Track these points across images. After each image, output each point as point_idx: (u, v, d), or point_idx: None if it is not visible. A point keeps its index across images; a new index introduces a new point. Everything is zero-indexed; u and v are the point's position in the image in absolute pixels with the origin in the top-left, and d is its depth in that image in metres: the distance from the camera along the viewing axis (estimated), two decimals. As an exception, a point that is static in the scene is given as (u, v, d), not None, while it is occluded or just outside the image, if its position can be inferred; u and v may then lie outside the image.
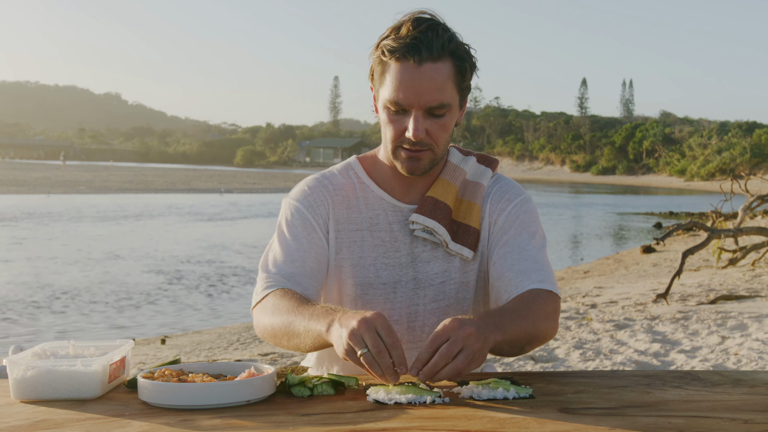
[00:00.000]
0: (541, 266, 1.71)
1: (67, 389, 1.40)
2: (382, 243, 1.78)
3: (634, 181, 75.22)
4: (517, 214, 1.78)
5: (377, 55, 1.67)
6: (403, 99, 1.63)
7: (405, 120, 1.66)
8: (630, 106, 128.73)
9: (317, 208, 1.78)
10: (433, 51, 1.61)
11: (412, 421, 1.25)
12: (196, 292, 10.59)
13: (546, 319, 1.61)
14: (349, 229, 1.78)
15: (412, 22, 1.63)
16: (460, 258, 1.78)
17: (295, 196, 1.81)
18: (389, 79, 1.64)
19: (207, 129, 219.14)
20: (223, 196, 33.66)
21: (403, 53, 1.61)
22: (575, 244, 18.90)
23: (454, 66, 1.64)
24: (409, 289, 1.78)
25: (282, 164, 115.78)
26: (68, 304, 9.54)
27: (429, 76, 1.62)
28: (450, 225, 1.77)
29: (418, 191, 1.80)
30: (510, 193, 1.82)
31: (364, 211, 1.79)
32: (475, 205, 1.79)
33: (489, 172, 1.84)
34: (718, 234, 9.41)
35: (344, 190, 1.81)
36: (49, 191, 33.60)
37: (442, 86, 1.63)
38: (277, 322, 1.61)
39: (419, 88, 1.62)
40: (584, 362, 5.42)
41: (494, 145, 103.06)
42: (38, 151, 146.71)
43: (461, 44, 1.66)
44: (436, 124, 1.66)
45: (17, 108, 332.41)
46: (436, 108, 1.64)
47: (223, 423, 1.25)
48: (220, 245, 16.05)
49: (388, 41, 1.64)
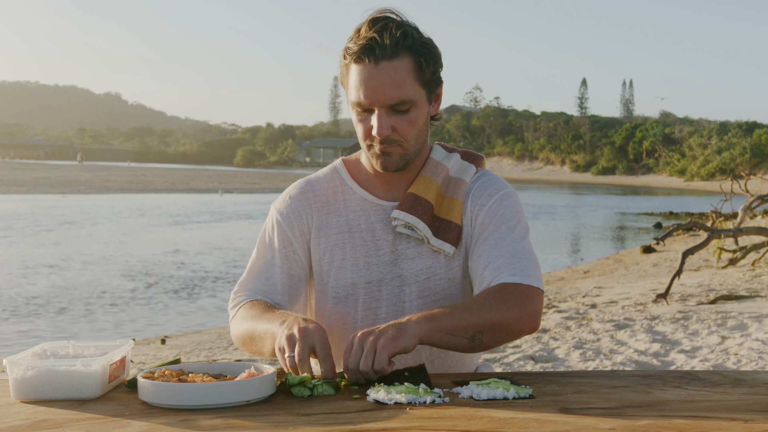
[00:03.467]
0: (517, 259, 1.70)
1: (67, 389, 1.40)
2: (363, 243, 1.79)
3: (634, 181, 75.18)
4: (496, 210, 1.78)
5: (341, 58, 1.71)
6: (364, 99, 1.67)
7: (371, 119, 1.69)
8: (630, 106, 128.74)
9: (297, 219, 1.83)
10: (387, 49, 1.64)
11: (412, 421, 1.25)
12: (197, 291, 10.59)
13: (506, 308, 1.61)
14: (330, 233, 1.81)
15: (368, 23, 1.67)
16: (444, 254, 1.79)
17: (277, 206, 1.87)
18: (351, 81, 1.69)
19: (207, 129, 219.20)
20: (222, 196, 33.68)
21: (359, 54, 1.65)
22: (575, 244, 18.90)
23: (413, 61, 1.66)
24: (395, 287, 1.79)
25: (282, 164, 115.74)
26: (68, 304, 9.54)
27: (386, 74, 1.64)
28: (432, 221, 1.77)
29: (400, 189, 1.82)
30: (491, 188, 1.81)
31: (344, 213, 1.82)
32: (457, 201, 1.80)
33: (472, 169, 1.85)
34: (718, 234, 9.41)
35: (325, 195, 1.84)
36: (64, 191, 33.65)
37: (400, 83, 1.65)
38: (243, 329, 1.72)
39: (377, 87, 1.65)
40: (584, 362, 5.42)
41: (494, 145, 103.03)
42: (38, 151, 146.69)
43: (418, 39, 1.67)
44: (402, 120, 1.69)
45: (17, 108, 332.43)
46: (397, 105, 1.67)
47: (223, 423, 1.25)
48: (220, 245, 16.06)
49: (350, 44, 1.68)
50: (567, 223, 24.26)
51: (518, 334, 1.65)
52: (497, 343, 1.64)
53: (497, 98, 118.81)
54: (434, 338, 1.56)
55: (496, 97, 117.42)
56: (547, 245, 17.13)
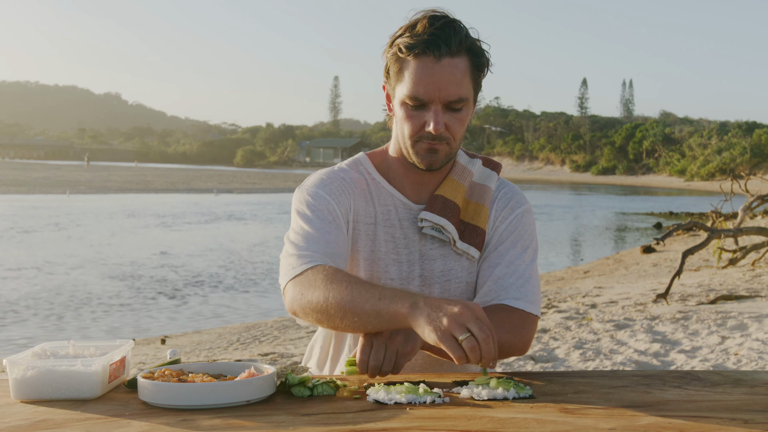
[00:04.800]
0: (524, 281, 1.75)
1: (67, 389, 1.40)
2: (393, 238, 1.79)
3: (634, 181, 75.17)
4: (516, 225, 1.82)
5: (393, 52, 1.69)
6: (423, 94, 1.66)
7: (424, 115, 1.68)
8: (630, 106, 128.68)
9: (339, 197, 1.76)
10: (452, 46, 1.64)
11: (412, 421, 1.25)
12: (196, 291, 10.59)
13: (503, 330, 1.63)
14: (365, 222, 1.79)
15: (427, 20, 1.66)
16: (467, 257, 1.81)
17: (314, 184, 1.78)
18: (408, 76, 1.67)
19: (207, 129, 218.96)
20: (218, 197, 33.65)
21: (422, 49, 1.64)
22: (575, 244, 18.90)
23: (470, 61, 1.68)
24: (416, 286, 1.79)
25: (282, 164, 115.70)
26: (67, 305, 9.54)
27: (448, 70, 1.65)
28: (458, 224, 1.79)
29: (427, 190, 1.82)
30: (514, 201, 1.85)
31: (377, 205, 1.80)
32: (484, 207, 1.82)
33: (495, 176, 1.88)
34: (718, 234, 9.41)
35: (359, 183, 1.81)
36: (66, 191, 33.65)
37: (460, 81, 1.66)
38: (332, 297, 1.53)
39: (439, 83, 1.65)
40: (584, 362, 5.42)
41: (494, 145, 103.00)
42: (38, 151, 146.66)
43: (476, 41, 1.70)
44: (455, 118, 1.69)
45: (17, 108, 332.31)
46: (455, 102, 1.67)
47: (223, 423, 1.25)
48: (220, 245, 16.05)
49: (404, 39, 1.66)
50: (567, 223, 24.26)
51: (506, 356, 1.71)
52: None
53: (497, 98, 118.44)
54: (434, 348, 1.62)
55: (496, 97, 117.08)
56: (547, 245, 17.13)
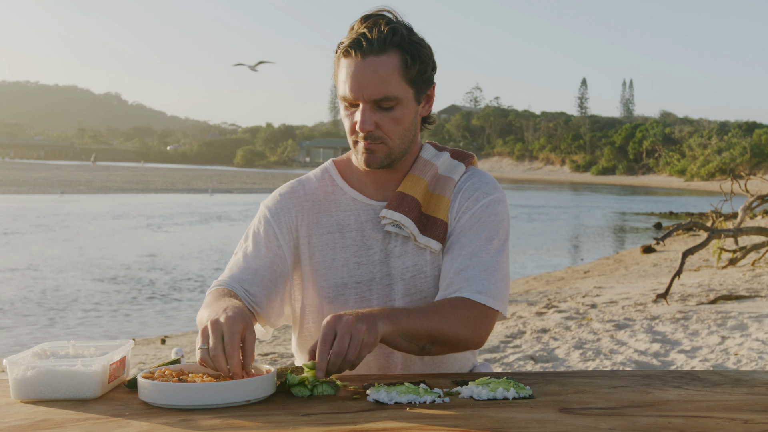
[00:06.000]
0: (488, 274, 1.70)
1: (67, 389, 1.40)
2: (353, 243, 1.79)
3: (634, 181, 75.15)
4: (479, 216, 1.77)
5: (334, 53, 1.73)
6: (349, 93, 1.68)
7: (356, 114, 1.70)
8: (630, 106, 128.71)
9: (285, 217, 1.82)
10: (374, 44, 1.64)
11: (412, 421, 1.25)
12: (196, 291, 10.59)
13: (461, 325, 1.63)
14: (321, 233, 1.81)
15: (361, 20, 1.69)
16: (430, 251, 1.79)
17: (267, 203, 1.87)
18: (340, 76, 1.70)
19: (207, 129, 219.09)
20: (212, 197, 33.66)
21: (347, 48, 1.67)
22: (575, 244, 18.89)
23: (400, 59, 1.67)
24: (384, 285, 1.79)
25: (282, 164, 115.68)
26: (68, 304, 9.54)
27: (371, 69, 1.65)
28: (419, 218, 1.77)
29: (389, 188, 1.82)
30: (480, 191, 1.80)
31: (334, 213, 1.82)
32: (444, 199, 1.80)
33: (461, 167, 1.84)
34: (718, 234, 9.41)
35: (316, 195, 1.84)
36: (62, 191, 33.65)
37: (385, 79, 1.66)
38: (200, 315, 1.69)
39: (362, 81, 1.66)
40: (584, 362, 5.42)
41: (494, 145, 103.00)
42: (38, 151, 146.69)
43: (407, 37, 1.68)
44: (387, 118, 1.69)
45: (17, 108, 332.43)
46: (382, 101, 1.67)
47: (223, 423, 1.25)
48: (220, 245, 16.05)
49: (343, 39, 1.69)
50: (567, 223, 24.24)
51: (462, 350, 1.69)
52: (441, 354, 1.68)
53: (497, 98, 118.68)
54: (390, 341, 1.56)
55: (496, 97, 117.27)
56: (547, 245, 17.11)
